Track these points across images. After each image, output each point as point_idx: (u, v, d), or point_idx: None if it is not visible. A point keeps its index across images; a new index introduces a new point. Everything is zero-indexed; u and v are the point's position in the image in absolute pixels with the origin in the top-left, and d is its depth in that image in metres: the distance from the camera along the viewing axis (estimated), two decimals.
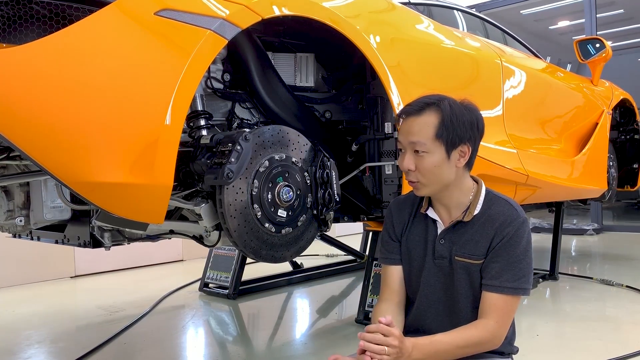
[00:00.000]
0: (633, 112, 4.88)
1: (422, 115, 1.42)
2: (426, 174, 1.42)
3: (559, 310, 3.41)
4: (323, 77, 2.35)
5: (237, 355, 2.71)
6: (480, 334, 1.37)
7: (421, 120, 1.41)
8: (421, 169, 1.42)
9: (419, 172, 1.42)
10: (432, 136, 1.40)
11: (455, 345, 1.35)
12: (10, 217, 2.01)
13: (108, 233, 1.90)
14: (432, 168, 1.41)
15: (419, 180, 1.43)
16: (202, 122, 1.78)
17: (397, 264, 1.55)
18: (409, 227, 1.55)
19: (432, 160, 1.40)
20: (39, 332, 3.09)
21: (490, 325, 1.38)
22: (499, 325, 1.38)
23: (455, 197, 1.47)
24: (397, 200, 1.62)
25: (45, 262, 4.52)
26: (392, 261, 1.56)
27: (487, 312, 1.39)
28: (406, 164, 1.43)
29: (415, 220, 1.55)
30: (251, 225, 1.73)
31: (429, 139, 1.40)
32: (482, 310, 1.40)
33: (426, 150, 1.40)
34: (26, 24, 1.47)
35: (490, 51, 3.12)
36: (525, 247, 1.41)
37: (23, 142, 1.31)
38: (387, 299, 1.54)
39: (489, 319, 1.38)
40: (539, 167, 3.20)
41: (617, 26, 10.07)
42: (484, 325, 1.38)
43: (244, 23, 1.64)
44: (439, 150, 1.40)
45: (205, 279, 3.95)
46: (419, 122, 1.41)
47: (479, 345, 1.38)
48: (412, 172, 1.43)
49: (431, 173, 1.41)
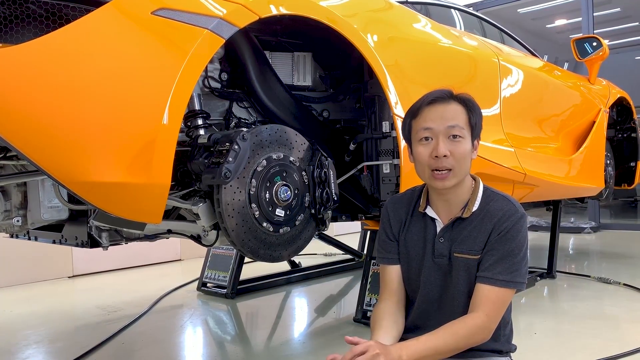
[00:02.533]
0: (630, 110, 4.88)
1: (451, 103, 1.43)
2: (460, 161, 1.40)
3: (557, 308, 3.41)
4: (320, 76, 2.35)
5: (235, 355, 2.71)
6: (469, 327, 1.36)
7: (453, 107, 1.43)
8: (457, 155, 1.40)
9: (454, 158, 1.40)
10: (466, 122, 1.42)
11: (443, 341, 1.34)
12: (7, 217, 2.00)
13: (106, 233, 1.90)
14: (466, 155, 1.41)
15: (453, 168, 1.40)
16: (200, 122, 1.78)
17: (395, 263, 1.55)
18: (406, 226, 1.55)
19: (466, 146, 1.42)
20: (37, 332, 3.08)
21: (480, 318, 1.37)
22: (488, 318, 1.37)
23: (459, 194, 1.47)
24: (393, 199, 1.61)
25: (43, 262, 4.51)
26: (390, 260, 1.55)
27: (479, 304, 1.39)
28: (442, 149, 1.39)
29: (412, 219, 1.54)
30: (249, 224, 1.73)
31: (465, 124, 1.42)
32: (474, 302, 1.40)
33: (462, 135, 1.41)
34: (23, 23, 1.46)
35: (488, 50, 3.12)
36: (521, 242, 1.41)
37: (20, 142, 1.31)
38: (386, 298, 1.53)
39: (479, 311, 1.38)
40: (537, 165, 3.21)
41: (614, 25, 10.10)
42: (473, 318, 1.37)
43: (241, 22, 1.64)
44: (469, 138, 1.43)
45: (204, 279, 3.94)
46: (451, 109, 1.42)
47: (468, 338, 1.36)
48: (447, 159, 1.40)
49: (464, 160, 1.41)
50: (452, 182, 1.42)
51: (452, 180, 1.42)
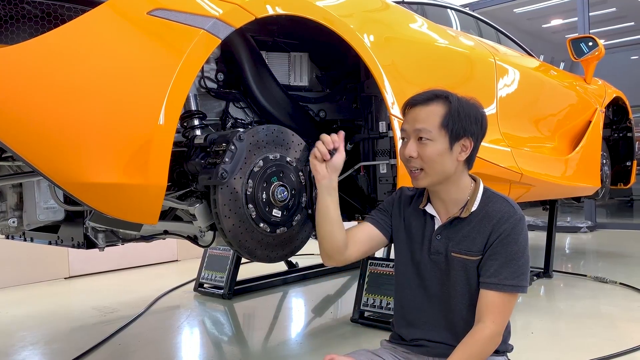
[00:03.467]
0: (626, 110, 4.90)
1: (429, 105, 1.45)
2: (428, 162, 1.44)
3: (554, 307, 3.42)
4: (317, 77, 2.35)
5: (232, 355, 2.71)
6: (481, 343, 1.37)
7: (428, 109, 1.45)
8: (423, 157, 1.44)
9: (421, 159, 1.44)
10: (437, 125, 1.43)
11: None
12: (3, 219, 1.99)
13: (102, 234, 1.90)
14: (435, 157, 1.43)
15: (420, 168, 1.45)
16: (196, 122, 1.77)
17: (377, 228, 1.59)
18: (409, 219, 1.57)
19: (435, 148, 1.43)
20: (33, 334, 3.07)
21: (489, 328, 1.38)
22: (496, 325, 1.38)
23: (453, 193, 1.48)
24: (406, 190, 1.65)
25: (39, 264, 4.50)
26: (374, 222, 1.61)
27: (485, 311, 1.39)
28: (408, 150, 1.45)
29: (414, 214, 1.57)
30: (246, 225, 1.72)
31: (434, 127, 1.43)
32: (480, 310, 1.40)
33: (430, 137, 1.43)
34: (17, 23, 1.46)
35: (484, 50, 3.13)
36: (522, 244, 1.42)
37: (15, 143, 1.30)
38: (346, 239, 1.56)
39: (487, 320, 1.38)
40: (533, 165, 3.21)
41: (609, 24, 10.13)
42: (482, 331, 1.38)
43: (237, 22, 1.63)
44: (443, 140, 1.43)
45: (200, 279, 3.94)
46: (426, 111, 1.45)
47: (483, 354, 1.38)
48: (414, 160, 1.45)
49: (433, 161, 1.43)
50: (424, 181, 1.47)
51: (423, 180, 1.47)
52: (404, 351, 1.55)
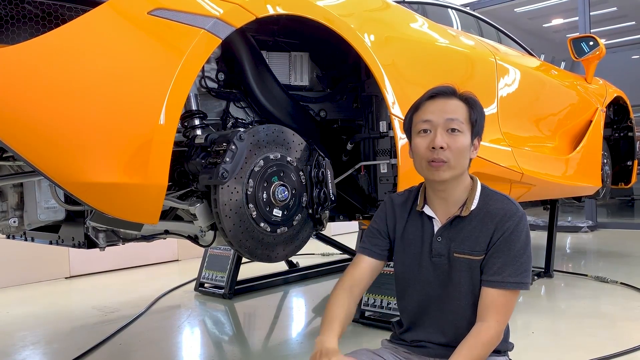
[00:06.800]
0: (627, 109, 4.90)
1: (453, 99, 1.46)
2: (456, 154, 1.42)
3: (554, 307, 3.42)
4: (317, 76, 2.35)
5: (233, 355, 2.71)
6: (484, 342, 1.36)
7: (454, 103, 1.45)
8: (453, 148, 1.41)
9: (450, 151, 1.41)
10: (466, 118, 1.44)
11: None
12: (4, 218, 2.00)
13: (102, 233, 1.89)
14: (463, 149, 1.42)
15: (448, 160, 1.41)
16: (197, 122, 1.77)
17: (374, 257, 1.55)
18: (404, 225, 1.55)
19: (464, 141, 1.43)
20: (34, 333, 3.07)
21: (492, 327, 1.37)
22: (498, 324, 1.38)
23: (458, 191, 1.48)
24: (393, 197, 1.61)
25: (39, 263, 4.50)
26: (370, 253, 1.56)
27: (488, 310, 1.39)
28: (439, 141, 1.41)
29: (410, 218, 1.55)
30: (246, 224, 1.72)
31: (465, 119, 1.44)
32: (482, 308, 1.40)
33: (461, 129, 1.42)
34: (18, 23, 1.46)
35: (485, 49, 3.12)
36: (525, 242, 1.42)
37: (16, 143, 1.30)
38: (346, 288, 1.51)
39: (489, 319, 1.38)
40: (534, 164, 3.21)
41: (610, 24, 10.12)
42: (484, 331, 1.37)
43: (238, 22, 1.63)
44: (468, 134, 1.44)
45: (201, 279, 3.94)
46: (453, 103, 1.45)
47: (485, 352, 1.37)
48: (443, 151, 1.41)
49: (460, 154, 1.42)
50: (447, 174, 1.43)
51: (447, 172, 1.42)
52: (405, 351, 1.55)
